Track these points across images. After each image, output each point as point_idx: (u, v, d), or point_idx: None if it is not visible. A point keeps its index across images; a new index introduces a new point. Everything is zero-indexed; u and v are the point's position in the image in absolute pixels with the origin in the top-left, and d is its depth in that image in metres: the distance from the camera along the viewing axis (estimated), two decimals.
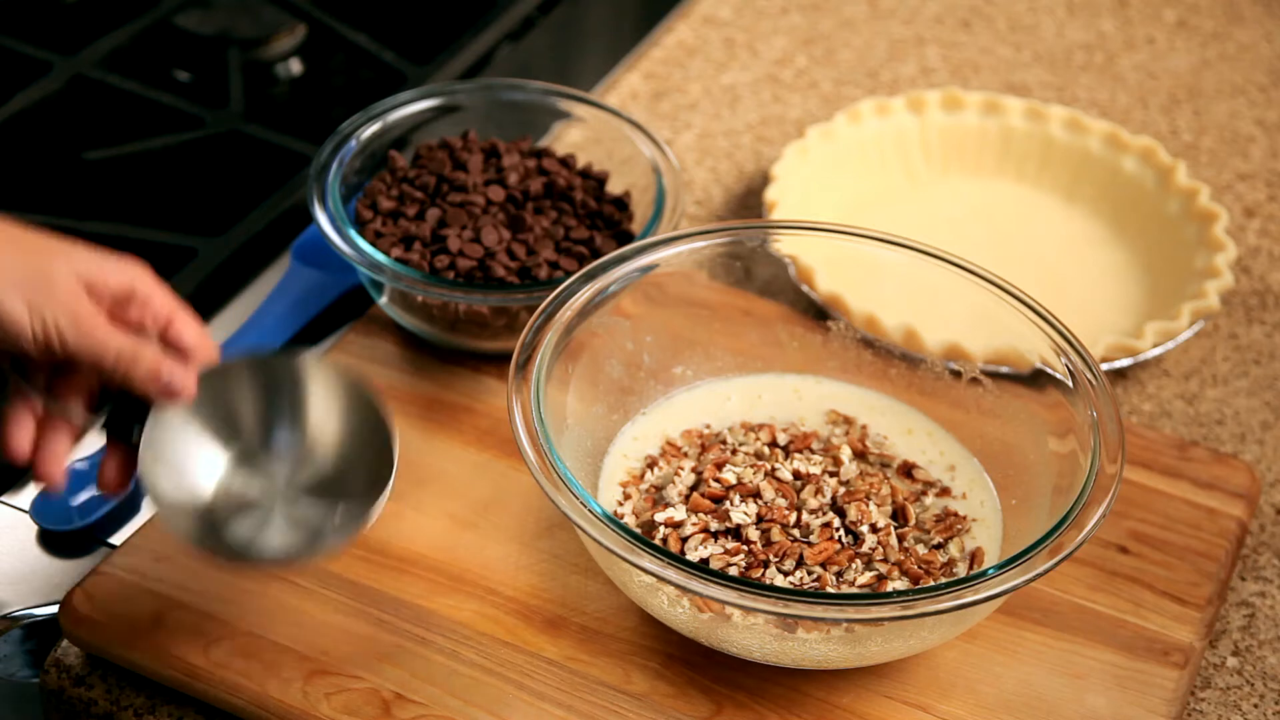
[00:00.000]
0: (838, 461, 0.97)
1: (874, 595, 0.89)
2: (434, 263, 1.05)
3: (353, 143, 1.11)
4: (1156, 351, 1.11)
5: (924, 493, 0.98)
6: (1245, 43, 1.46)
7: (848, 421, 1.02)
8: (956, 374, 1.03)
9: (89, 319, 0.82)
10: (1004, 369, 1.01)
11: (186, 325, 0.87)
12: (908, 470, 0.99)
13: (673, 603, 0.88)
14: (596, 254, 1.07)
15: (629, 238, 1.09)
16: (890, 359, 1.05)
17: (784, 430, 1.00)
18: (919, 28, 1.47)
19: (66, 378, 0.86)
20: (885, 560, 0.92)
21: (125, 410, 0.86)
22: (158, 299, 0.86)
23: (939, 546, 0.94)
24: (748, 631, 0.87)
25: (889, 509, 0.95)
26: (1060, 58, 1.44)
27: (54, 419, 0.85)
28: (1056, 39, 1.46)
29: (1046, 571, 0.84)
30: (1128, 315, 1.17)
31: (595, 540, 0.85)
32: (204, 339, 0.87)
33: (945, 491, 0.98)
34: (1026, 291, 0.98)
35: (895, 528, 0.94)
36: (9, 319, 0.80)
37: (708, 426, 1.02)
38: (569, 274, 1.01)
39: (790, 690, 0.91)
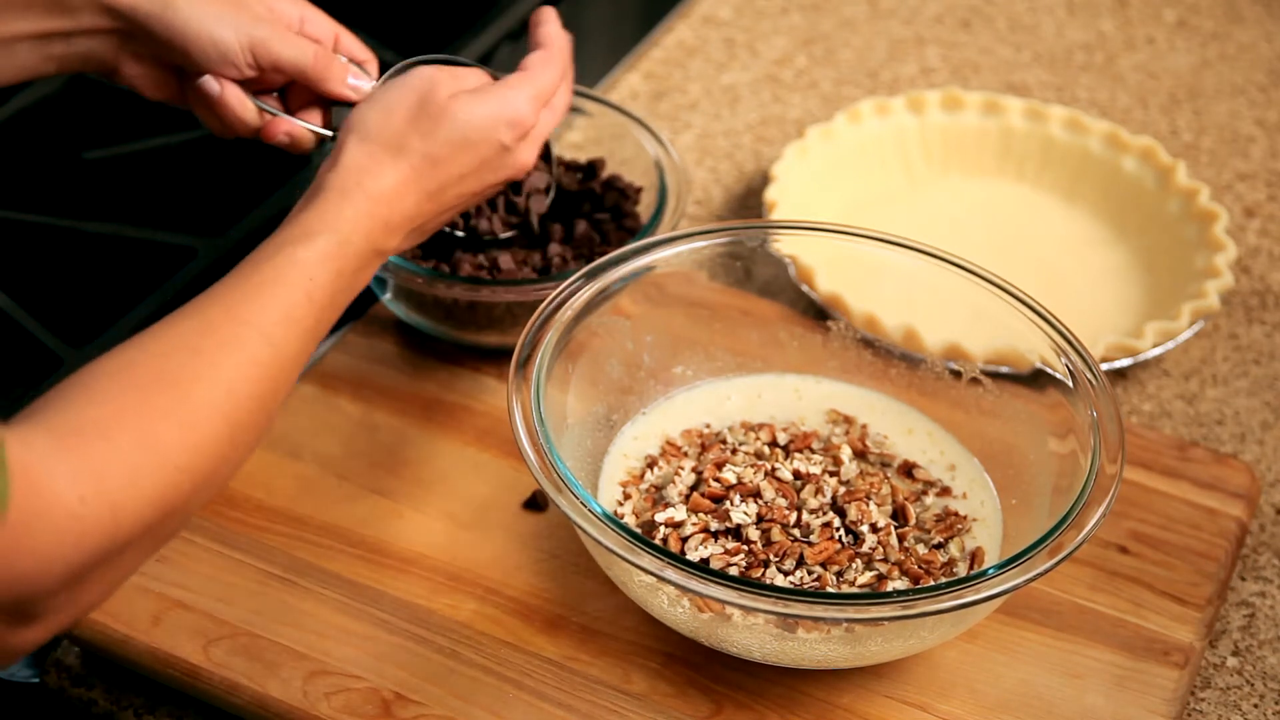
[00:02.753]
0: (838, 461, 0.97)
1: (874, 595, 0.89)
2: (440, 258, 1.05)
3: None
4: (1156, 351, 1.11)
5: (924, 492, 0.98)
6: (1245, 43, 1.46)
7: (848, 421, 1.02)
8: (956, 374, 1.03)
9: (285, 30, 0.95)
10: (1004, 369, 1.01)
11: (351, 39, 1.00)
12: (908, 470, 0.99)
13: (673, 603, 0.88)
14: (604, 239, 1.08)
15: (635, 226, 1.10)
16: (890, 359, 1.05)
17: (784, 430, 1.00)
18: (919, 28, 1.47)
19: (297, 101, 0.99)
20: (885, 560, 0.92)
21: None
22: (319, 20, 0.98)
23: (939, 546, 0.94)
24: (748, 631, 0.87)
25: (889, 509, 0.95)
26: (1060, 58, 1.44)
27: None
28: (1056, 39, 1.46)
29: (1046, 571, 0.84)
30: (1128, 315, 1.17)
31: (595, 540, 0.85)
32: (367, 50, 1.00)
33: (945, 491, 0.98)
34: (1026, 291, 0.98)
35: (895, 527, 0.94)
36: (222, 44, 0.93)
37: (708, 426, 1.02)
38: (574, 268, 1.01)
39: (790, 690, 0.91)
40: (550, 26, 1.01)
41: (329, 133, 0.98)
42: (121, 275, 1.16)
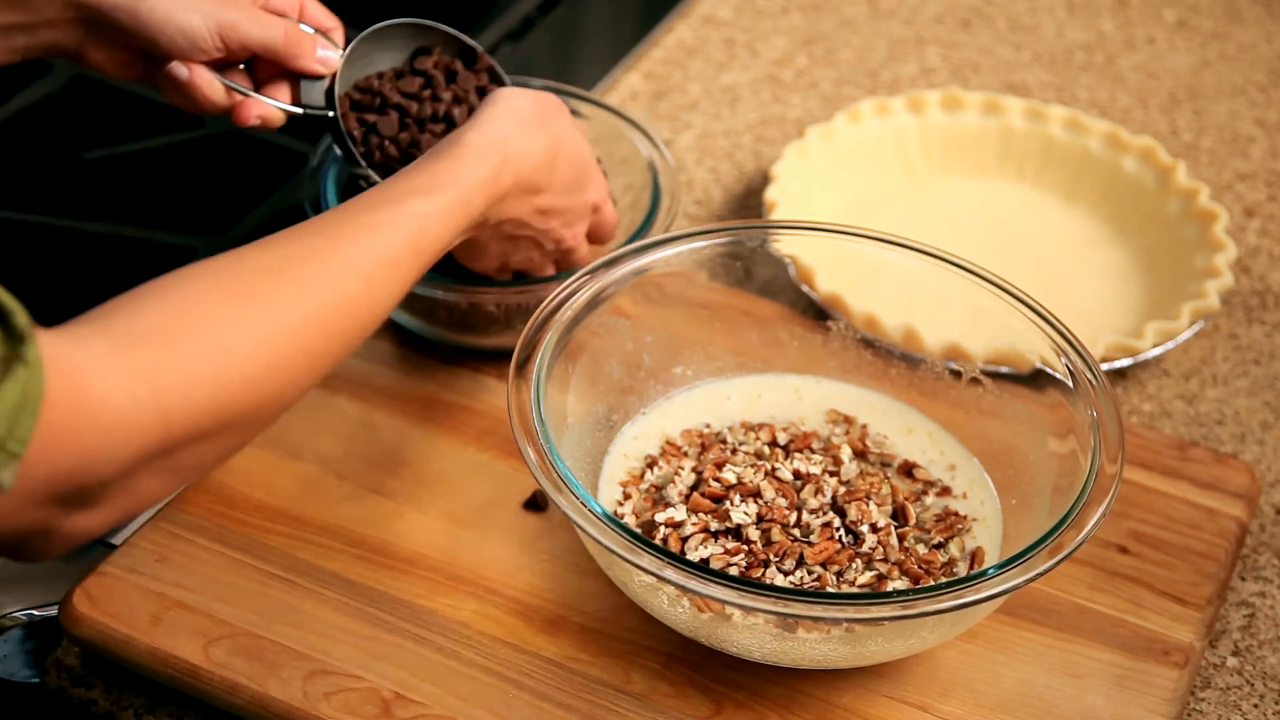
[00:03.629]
0: (838, 461, 0.97)
1: (874, 595, 0.89)
2: None
3: None
4: (1156, 351, 1.11)
5: (924, 492, 0.98)
6: (1245, 43, 1.46)
7: (848, 421, 1.02)
8: (956, 374, 1.03)
9: (252, 8, 0.96)
10: (1004, 369, 1.01)
11: (317, 6, 1.01)
12: (908, 470, 0.99)
13: (673, 603, 0.88)
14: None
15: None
16: (890, 359, 1.05)
17: (784, 430, 1.00)
18: (919, 28, 1.47)
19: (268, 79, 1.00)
20: (885, 560, 0.92)
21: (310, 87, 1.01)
22: None
23: (939, 546, 0.94)
24: (748, 631, 0.87)
25: (889, 508, 0.95)
26: (1060, 58, 1.44)
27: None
28: (1056, 39, 1.46)
29: (1046, 571, 0.84)
30: (1128, 315, 1.17)
31: (595, 540, 0.85)
32: (333, 17, 1.02)
33: (946, 491, 0.98)
34: (1026, 291, 0.98)
35: (895, 527, 0.94)
36: (190, 31, 0.94)
37: (708, 426, 1.02)
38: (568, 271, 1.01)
39: (790, 690, 0.91)
40: None
41: (298, 109, 0.98)
42: (121, 275, 1.16)
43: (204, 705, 0.91)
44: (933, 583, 0.91)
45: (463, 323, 1.07)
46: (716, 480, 0.94)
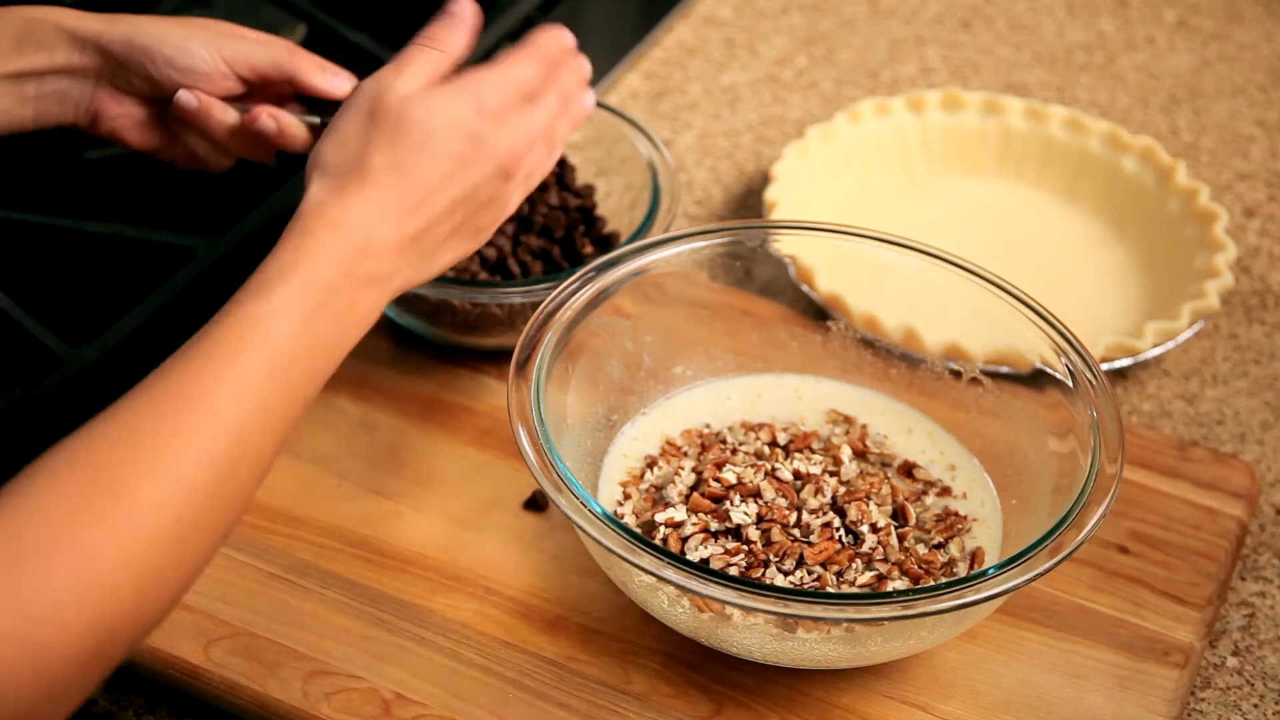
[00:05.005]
0: (838, 461, 0.97)
1: (874, 595, 0.89)
2: None
3: None
4: (1156, 351, 1.11)
5: (924, 492, 0.98)
6: (1245, 43, 1.46)
7: (848, 421, 1.02)
8: (956, 374, 1.03)
9: (256, 34, 0.95)
10: (1004, 369, 1.01)
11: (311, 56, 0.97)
12: (908, 470, 0.99)
13: (673, 603, 0.88)
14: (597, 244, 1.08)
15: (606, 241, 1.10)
16: (890, 359, 1.05)
17: (784, 430, 1.00)
18: (919, 28, 1.47)
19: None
20: (885, 560, 0.92)
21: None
22: (277, 40, 0.97)
23: (939, 546, 0.94)
24: (748, 631, 0.87)
25: (889, 509, 0.95)
26: (1060, 58, 1.44)
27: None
28: (1056, 39, 1.46)
29: (1046, 571, 0.84)
30: (1128, 315, 1.17)
31: (595, 540, 0.85)
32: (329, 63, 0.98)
33: (946, 491, 0.98)
34: (1026, 291, 0.98)
35: (895, 527, 0.94)
36: (194, 56, 0.93)
37: (708, 426, 1.02)
38: (567, 271, 1.01)
39: (790, 690, 0.91)
40: (538, 32, 0.97)
41: (315, 119, 0.97)
42: (121, 275, 1.16)
43: (204, 705, 0.91)
44: (933, 583, 0.91)
45: (463, 323, 1.07)
46: (716, 480, 0.94)
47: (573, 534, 0.97)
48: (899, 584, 0.91)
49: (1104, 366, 1.09)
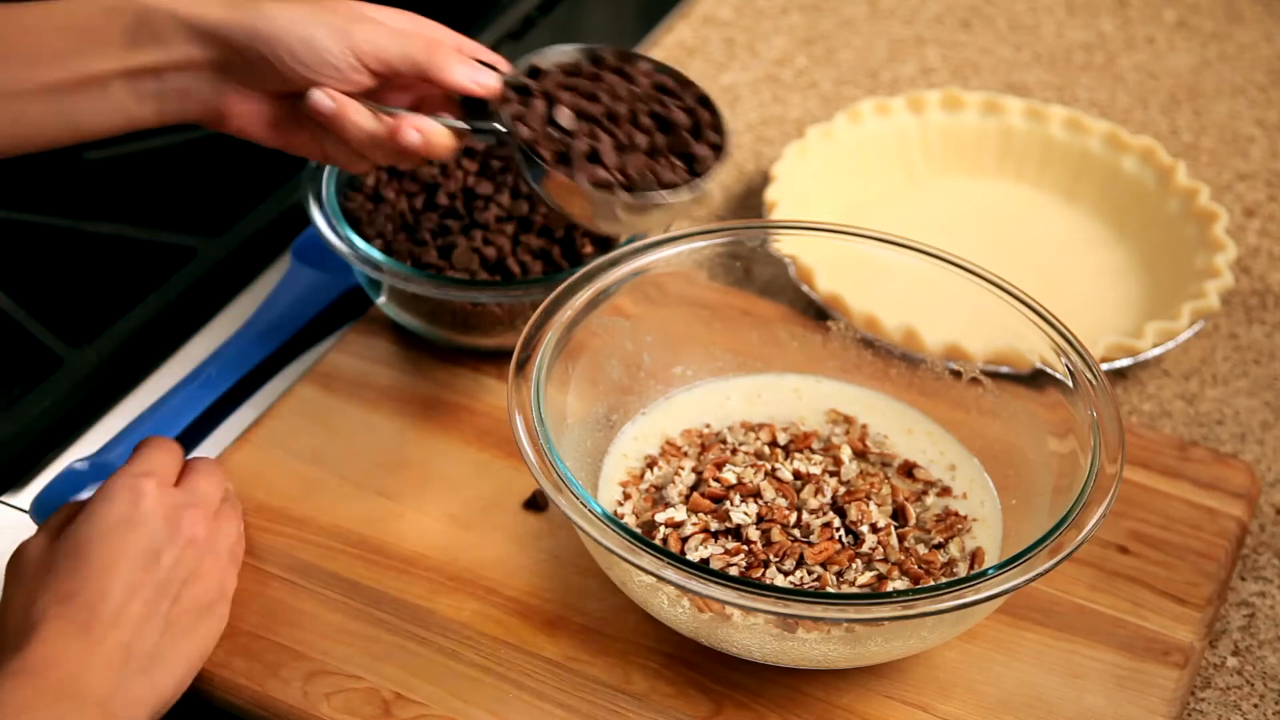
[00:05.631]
0: (838, 461, 0.97)
1: (874, 595, 0.89)
2: (427, 258, 1.05)
3: None
4: (1156, 351, 1.11)
5: (925, 492, 0.98)
6: (1245, 43, 1.46)
7: (848, 421, 1.02)
8: (956, 374, 1.03)
9: (386, 24, 0.89)
10: (1004, 369, 1.01)
11: (465, 40, 0.92)
12: (908, 470, 0.99)
13: (673, 603, 0.88)
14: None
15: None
16: (890, 359, 1.05)
17: (784, 430, 1.00)
18: (919, 28, 1.47)
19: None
20: (885, 560, 0.92)
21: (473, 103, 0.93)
22: (422, 21, 0.92)
23: (939, 546, 0.94)
24: (748, 631, 0.87)
25: (889, 509, 0.95)
26: (1060, 58, 1.44)
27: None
28: (1056, 39, 1.46)
29: (1046, 571, 0.84)
30: (1128, 315, 1.17)
31: (595, 540, 0.85)
32: (487, 50, 0.93)
33: (946, 491, 0.98)
34: (1026, 291, 0.98)
35: (895, 527, 0.94)
36: (321, 47, 0.87)
37: (708, 426, 1.02)
38: (567, 270, 1.01)
39: (790, 690, 0.91)
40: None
41: (463, 125, 0.91)
42: (121, 275, 1.16)
43: (204, 705, 0.91)
44: (932, 583, 0.91)
45: (463, 323, 1.07)
46: (716, 480, 0.95)
47: (573, 534, 0.97)
48: (899, 584, 0.91)
49: (1104, 366, 1.09)
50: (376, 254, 1.03)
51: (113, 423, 1.05)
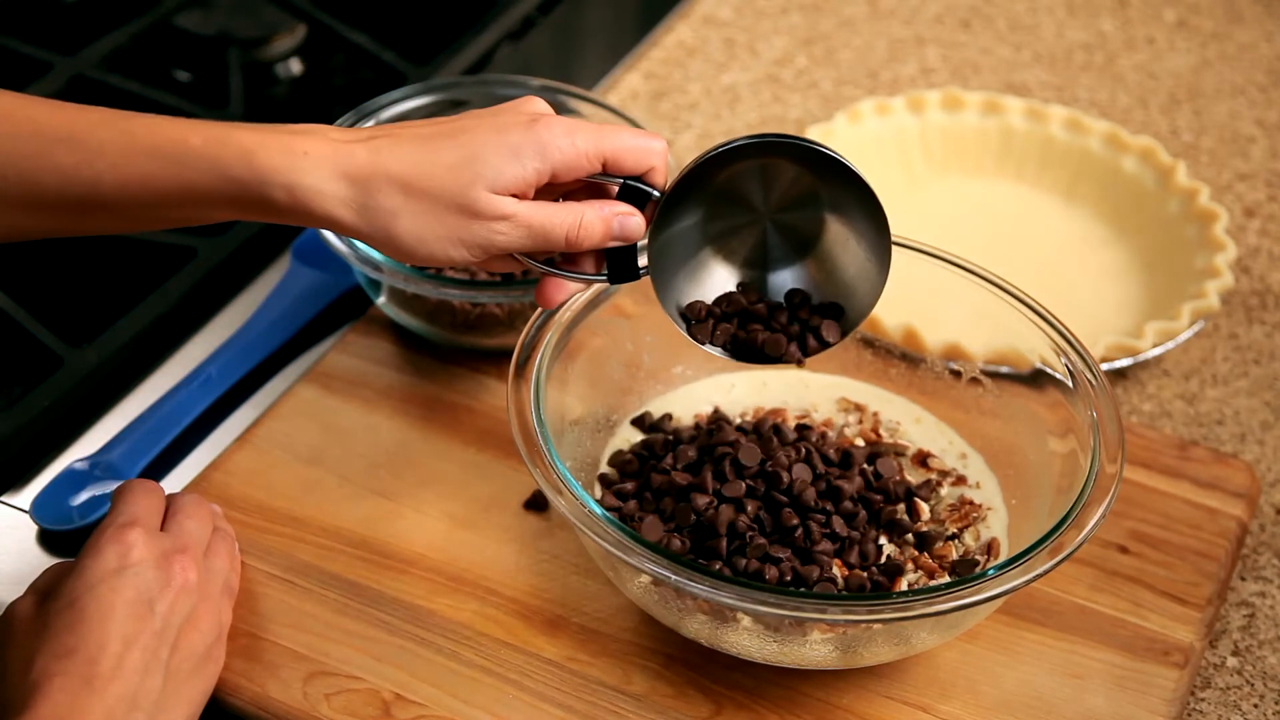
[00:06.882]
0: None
1: (874, 596, 0.89)
2: None
3: None
4: (1156, 351, 1.11)
5: (939, 482, 0.98)
6: (1245, 43, 1.46)
7: (859, 409, 1.02)
8: (956, 374, 1.03)
9: (520, 217, 0.85)
10: (1004, 369, 1.01)
11: (629, 139, 0.88)
12: (923, 459, 0.99)
13: (671, 603, 0.88)
14: None
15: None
16: (890, 359, 1.05)
17: (798, 418, 1.00)
18: (919, 28, 1.47)
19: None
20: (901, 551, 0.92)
21: (617, 254, 0.90)
22: (578, 156, 0.86)
23: (954, 538, 0.94)
24: (747, 632, 0.87)
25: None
26: (1060, 58, 1.44)
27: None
28: (1056, 39, 1.46)
29: (1046, 572, 0.84)
30: (1128, 315, 1.17)
31: (595, 540, 0.85)
32: (650, 149, 0.88)
33: (961, 480, 0.98)
34: (1026, 291, 0.98)
35: (900, 536, 0.94)
36: (454, 261, 0.85)
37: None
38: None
39: (790, 690, 0.91)
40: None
41: (604, 279, 0.90)
42: (121, 275, 1.16)
43: (204, 705, 0.91)
44: (932, 584, 0.91)
45: (463, 323, 1.07)
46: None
47: (573, 534, 0.97)
48: (909, 577, 0.91)
49: (1104, 366, 1.09)
50: (376, 254, 1.03)
51: (113, 423, 1.05)
